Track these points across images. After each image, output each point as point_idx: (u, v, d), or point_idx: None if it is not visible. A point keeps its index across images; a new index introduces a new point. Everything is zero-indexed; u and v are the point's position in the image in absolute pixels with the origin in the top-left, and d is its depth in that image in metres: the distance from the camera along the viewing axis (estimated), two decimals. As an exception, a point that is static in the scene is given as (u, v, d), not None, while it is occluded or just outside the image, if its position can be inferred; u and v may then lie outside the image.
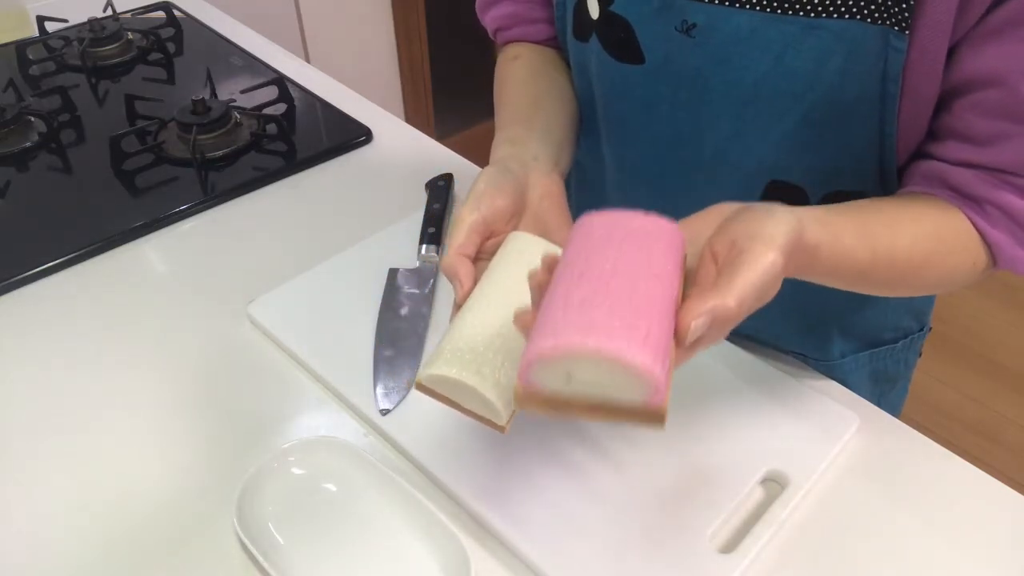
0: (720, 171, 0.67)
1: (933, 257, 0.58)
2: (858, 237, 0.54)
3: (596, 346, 0.38)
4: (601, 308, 0.39)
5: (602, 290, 0.41)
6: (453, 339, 0.52)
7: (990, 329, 2.08)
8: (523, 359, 0.41)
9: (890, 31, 0.55)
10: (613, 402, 0.41)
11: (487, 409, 0.51)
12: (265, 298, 0.78)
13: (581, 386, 0.41)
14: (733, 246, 0.46)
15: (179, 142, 1.00)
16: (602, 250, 0.43)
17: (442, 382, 0.51)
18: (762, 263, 0.45)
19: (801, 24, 0.57)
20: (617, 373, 0.39)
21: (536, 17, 0.78)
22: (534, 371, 0.40)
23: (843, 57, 0.57)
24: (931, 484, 0.63)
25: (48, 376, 0.73)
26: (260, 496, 0.60)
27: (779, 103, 0.61)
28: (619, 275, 0.41)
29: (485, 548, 0.59)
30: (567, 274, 0.43)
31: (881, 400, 0.71)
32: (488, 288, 0.54)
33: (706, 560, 0.56)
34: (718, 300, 0.43)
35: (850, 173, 0.64)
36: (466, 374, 0.50)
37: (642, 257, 0.43)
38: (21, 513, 0.62)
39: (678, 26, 0.62)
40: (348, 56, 2.22)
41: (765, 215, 0.47)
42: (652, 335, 0.39)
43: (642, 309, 0.40)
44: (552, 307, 0.41)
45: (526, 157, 0.64)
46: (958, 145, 0.58)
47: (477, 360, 0.51)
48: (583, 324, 0.39)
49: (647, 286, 0.41)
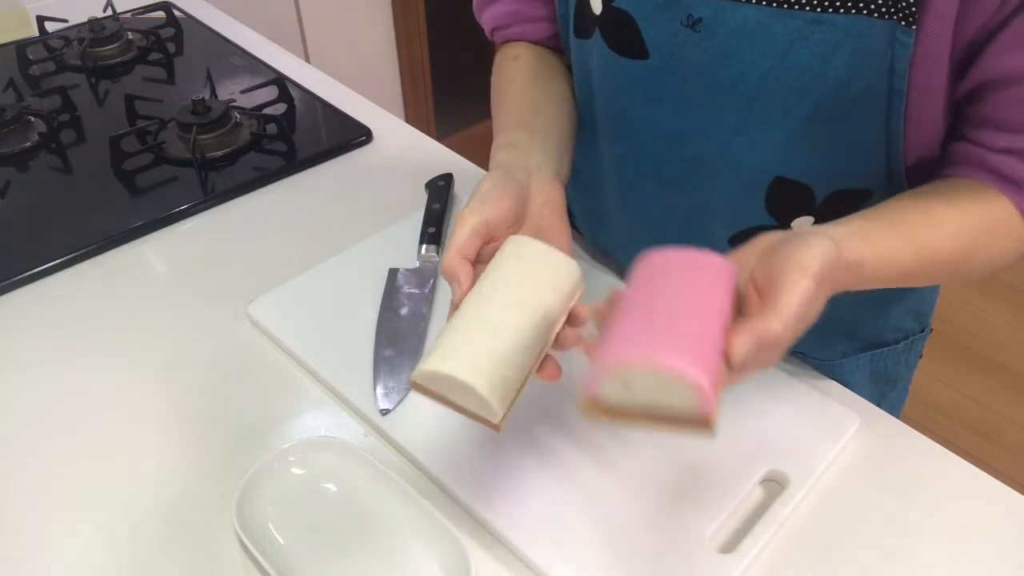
0: (724, 167, 0.67)
1: (976, 247, 0.59)
2: (900, 240, 0.56)
3: (650, 357, 0.42)
4: (658, 329, 0.44)
5: (661, 317, 0.45)
6: (449, 337, 0.52)
7: (990, 329, 2.08)
8: (590, 372, 0.45)
9: (897, 26, 0.55)
10: (667, 411, 0.45)
11: (482, 407, 0.51)
12: (265, 298, 0.78)
13: (638, 396, 0.45)
14: (770, 276, 0.49)
15: (179, 142, 1.00)
16: (662, 286, 0.48)
17: (437, 379, 0.51)
18: (796, 289, 0.47)
19: (807, 19, 0.57)
20: (669, 383, 0.43)
21: (536, 15, 0.77)
22: (599, 383, 0.45)
23: (849, 52, 0.57)
24: (931, 484, 0.63)
25: (48, 376, 0.73)
26: (260, 496, 0.60)
27: (785, 98, 0.61)
28: (676, 309, 0.46)
29: (485, 548, 0.59)
30: (628, 306, 0.47)
31: (881, 401, 0.71)
32: (486, 288, 0.54)
33: (706, 560, 0.56)
34: (762, 324, 0.46)
35: (856, 171, 0.64)
36: (462, 370, 0.50)
37: (698, 291, 0.47)
38: (21, 513, 0.62)
39: (683, 20, 0.62)
40: (348, 56, 2.22)
41: (799, 243, 0.50)
42: (704, 354, 0.43)
43: (696, 335, 0.44)
44: (615, 332, 0.46)
45: (529, 164, 0.64)
46: (996, 134, 0.59)
47: (473, 358, 0.51)
48: (642, 342, 0.44)
49: (702, 318, 0.46)
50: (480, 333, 0.52)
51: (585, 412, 0.46)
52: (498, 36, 0.80)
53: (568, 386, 0.69)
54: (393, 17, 2.27)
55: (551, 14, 0.77)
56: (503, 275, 0.55)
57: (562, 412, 0.66)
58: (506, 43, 0.80)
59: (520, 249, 0.57)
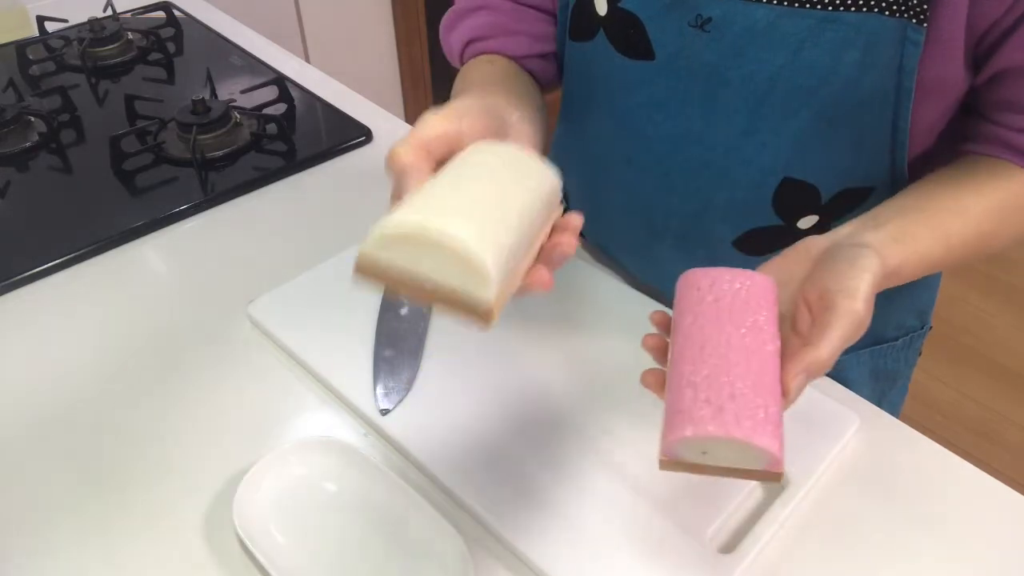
0: (732, 168, 0.67)
1: (1001, 226, 0.61)
2: (933, 236, 0.57)
3: (727, 433, 0.44)
4: (724, 392, 0.46)
5: (723, 366, 0.47)
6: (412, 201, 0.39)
7: (990, 329, 2.08)
8: (666, 439, 0.47)
9: (908, 24, 0.55)
10: (740, 467, 0.47)
11: (468, 275, 0.37)
12: (265, 298, 0.78)
13: (714, 457, 0.47)
14: (822, 298, 0.50)
15: (179, 142, 1.00)
16: (713, 319, 0.49)
17: (401, 244, 0.37)
18: (849, 317, 0.49)
19: (818, 17, 0.57)
20: (744, 450, 0.45)
21: (518, 29, 0.74)
22: (675, 448, 0.47)
23: (860, 50, 0.57)
24: (931, 484, 0.63)
25: (47, 376, 0.73)
26: (260, 496, 0.60)
27: (795, 97, 0.61)
28: (733, 348, 0.48)
29: (485, 548, 0.59)
30: (688, 347, 0.49)
31: (882, 399, 0.71)
32: (454, 171, 0.44)
33: (706, 560, 0.56)
34: (811, 358, 0.48)
35: (862, 169, 0.64)
36: (441, 221, 0.37)
37: (747, 322, 0.49)
38: (20, 512, 0.62)
39: (691, 21, 0.62)
40: (348, 56, 2.22)
41: (849, 265, 0.51)
42: (769, 410, 0.45)
43: (758, 385, 0.46)
44: (680, 387, 0.47)
45: (509, 117, 0.56)
46: (1017, 116, 0.60)
47: (453, 211, 0.38)
48: (713, 411, 0.45)
49: (757, 357, 0.48)
50: (457, 197, 0.40)
51: (663, 468, 0.49)
52: (472, 50, 0.75)
53: (569, 386, 0.69)
54: (393, 17, 2.27)
55: (534, 30, 0.74)
56: (472, 161, 0.45)
57: (562, 412, 0.66)
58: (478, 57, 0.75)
59: (491, 146, 0.47)
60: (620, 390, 0.68)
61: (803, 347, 0.48)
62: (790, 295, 0.53)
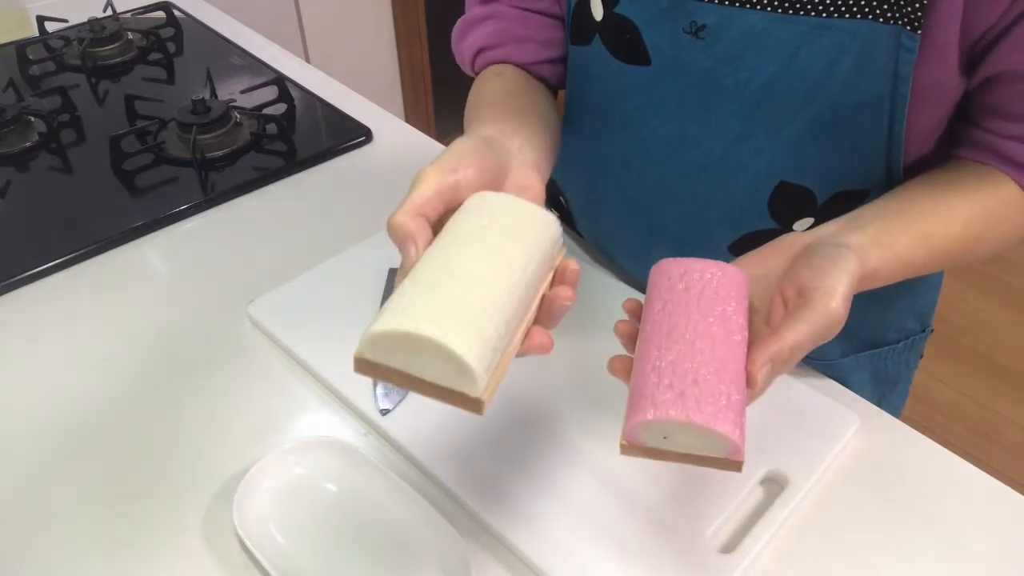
0: (728, 173, 0.67)
1: (985, 232, 0.60)
2: (914, 239, 0.57)
3: (688, 418, 0.45)
4: (688, 378, 0.46)
5: (688, 352, 0.47)
6: (402, 295, 0.41)
7: (990, 329, 2.08)
8: (627, 423, 0.47)
9: (902, 30, 0.55)
10: (701, 454, 0.48)
11: (455, 373, 0.39)
12: (265, 298, 0.78)
13: (675, 442, 0.47)
14: (800, 293, 0.50)
15: (179, 142, 1.00)
16: (683, 307, 0.50)
17: (391, 345, 0.40)
18: (822, 315, 0.49)
19: (813, 24, 0.57)
20: (705, 437, 0.46)
21: (526, 36, 0.74)
22: (637, 432, 0.47)
23: (854, 57, 0.57)
24: (931, 484, 0.63)
25: (47, 376, 0.73)
26: (260, 496, 0.60)
27: (789, 104, 0.61)
28: (700, 336, 0.48)
29: (485, 548, 0.59)
30: (655, 333, 0.49)
31: (882, 402, 0.71)
32: (446, 241, 0.45)
33: (706, 560, 0.56)
34: (776, 348, 0.48)
35: (858, 173, 0.64)
36: (423, 325, 0.39)
37: (716, 312, 0.49)
38: (21, 513, 0.62)
39: (686, 27, 0.62)
40: (348, 56, 2.22)
41: (830, 263, 0.51)
42: (732, 398, 0.46)
43: (722, 372, 0.46)
44: (645, 371, 0.48)
45: (510, 146, 0.57)
46: (1006, 123, 0.60)
47: (436, 312, 0.40)
48: (675, 396, 0.46)
49: (724, 346, 0.48)
50: (445, 285, 0.41)
51: (624, 452, 0.49)
52: (482, 59, 0.76)
53: (569, 387, 0.69)
54: (393, 17, 2.27)
55: (541, 36, 0.74)
56: (467, 228, 0.46)
57: (562, 412, 0.66)
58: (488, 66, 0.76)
59: (486, 202, 0.48)
60: (620, 391, 0.68)
61: (770, 336, 0.48)
62: (765, 289, 0.53)
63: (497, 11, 0.74)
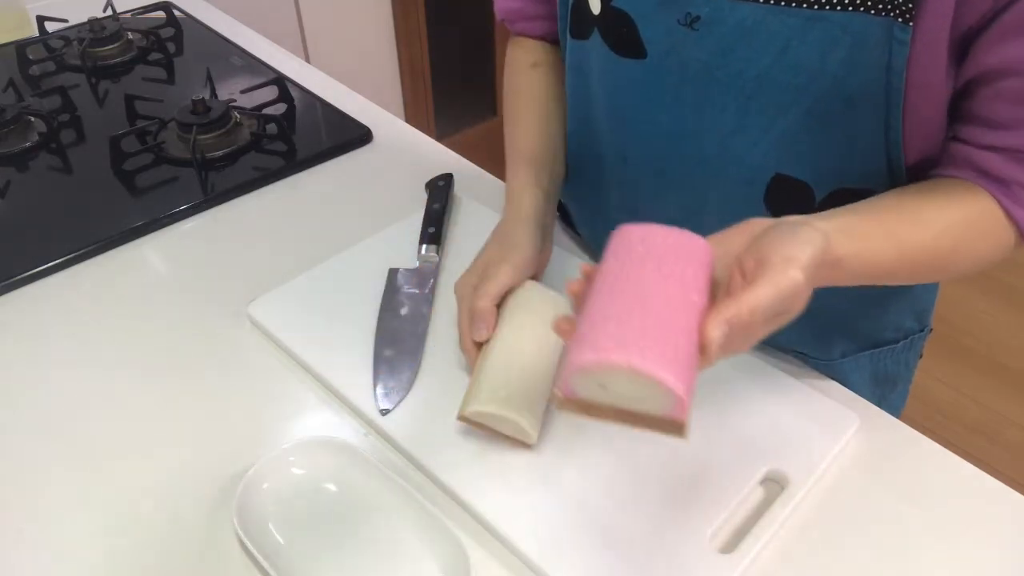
0: (724, 165, 0.67)
1: (960, 244, 0.60)
2: (884, 238, 0.56)
3: (628, 362, 0.41)
4: (635, 325, 0.43)
5: (637, 306, 0.44)
6: (487, 379, 0.63)
7: (990, 329, 2.08)
8: (564, 369, 0.45)
9: (894, 22, 0.55)
10: (641, 411, 0.45)
11: (520, 432, 0.62)
12: (265, 298, 0.78)
13: (614, 395, 0.45)
14: (759, 262, 0.48)
15: (179, 142, 1.00)
16: (639, 265, 0.47)
17: (483, 416, 0.62)
18: (782, 280, 0.47)
19: (805, 16, 0.57)
20: (646, 387, 0.43)
21: (535, 14, 0.81)
22: (573, 380, 0.44)
23: (847, 49, 0.57)
24: (931, 484, 0.63)
25: (48, 376, 0.73)
26: (260, 496, 0.60)
27: (783, 96, 0.61)
28: (652, 292, 0.45)
29: (485, 548, 0.59)
30: (605, 287, 0.47)
31: (882, 402, 0.71)
32: (507, 333, 0.66)
33: (706, 560, 0.56)
34: (733, 310, 0.46)
35: (857, 170, 0.64)
36: (503, 409, 0.61)
37: (675, 273, 0.46)
38: (21, 513, 0.62)
39: (681, 19, 0.62)
40: (348, 56, 2.22)
41: (791, 235, 0.50)
42: (680, 352, 0.43)
43: (672, 325, 0.44)
44: (590, 320, 0.45)
45: (549, 220, 0.75)
46: (982, 130, 0.59)
47: (509, 395, 0.61)
48: (618, 340, 0.42)
49: (677, 302, 0.45)
50: (508, 374, 0.63)
51: (559, 406, 0.47)
52: (508, 27, 0.85)
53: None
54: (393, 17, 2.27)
55: (549, 11, 0.78)
56: (521, 323, 0.67)
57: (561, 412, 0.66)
58: (518, 37, 0.85)
59: (536, 300, 0.69)
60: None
61: (727, 299, 0.46)
62: (726, 267, 0.51)
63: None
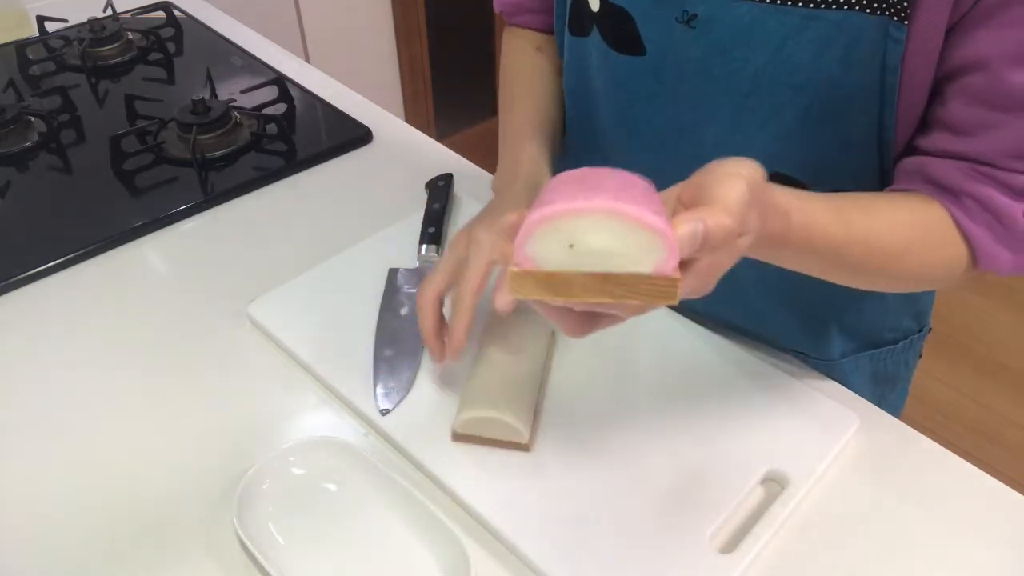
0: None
1: (912, 246, 0.58)
2: (833, 213, 0.54)
3: (604, 205, 0.36)
4: (601, 189, 0.38)
5: (596, 184, 0.39)
6: (472, 391, 0.64)
7: (990, 329, 2.08)
8: (519, 234, 0.38)
9: (889, 21, 0.55)
10: (619, 275, 0.38)
11: (513, 433, 0.62)
12: (265, 298, 0.78)
13: (584, 256, 0.38)
14: (700, 188, 0.45)
15: (179, 142, 1.00)
16: (588, 175, 0.42)
17: (473, 423, 0.62)
18: (733, 188, 0.43)
19: (801, 15, 0.57)
20: (625, 236, 0.37)
21: (535, 7, 0.81)
22: (533, 242, 0.38)
23: (843, 48, 0.57)
24: (931, 484, 0.63)
25: (48, 376, 0.73)
26: (260, 496, 0.60)
27: (779, 94, 0.61)
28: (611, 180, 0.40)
29: (485, 548, 0.59)
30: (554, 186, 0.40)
31: (881, 402, 0.71)
32: (490, 351, 0.66)
33: (706, 560, 0.56)
34: (706, 212, 0.41)
35: (852, 170, 0.64)
36: (491, 411, 0.62)
37: (628, 179, 0.42)
38: (21, 513, 0.62)
39: (679, 17, 0.62)
40: (348, 56, 2.22)
41: (724, 161, 0.47)
42: (655, 208, 0.38)
43: (640, 199, 0.38)
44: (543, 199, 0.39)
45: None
46: (942, 134, 0.58)
47: (495, 399, 0.62)
48: (586, 195, 0.37)
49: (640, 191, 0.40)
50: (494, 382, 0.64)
51: (515, 284, 0.39)
52: (507, 20, 0.85)
53: (568, 386, 0.69)
54: (393, 17, 2.27)
55: (550, 4, 0.78)
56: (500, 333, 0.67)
57: (561, 411, 0.66)
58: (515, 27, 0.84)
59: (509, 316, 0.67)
60: (619, 390, 0.68)
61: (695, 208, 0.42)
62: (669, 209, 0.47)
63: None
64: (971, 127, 0.56)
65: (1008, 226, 0.56)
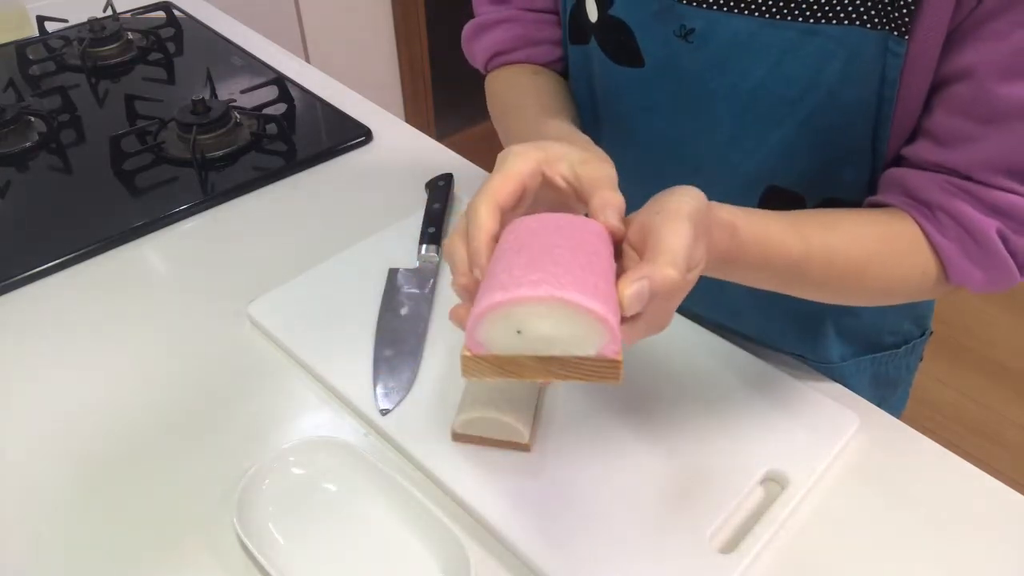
0: (719, 175, 0.67)
1: (876, 258, 0.57)
2: (790, 227, 0.53)
3: (548, 293, 0.38)
4: (547, 268, 0.39)
5: (546, 257, 0.40)
6: (470, 393, 0.64)
7: (990, 329, 2.08)
8: (469, 321, 0.40)
9: (889, 36, 0.54)
10: (566, 357, 0.40)
11: (513, 433, 0.62)
12: (265, 298, 0.78)
13: (532, 341, 0.40)
14: (645, 231, 0.45)
15: (179, 142, 1.00)
16: (539, 232, 0.43)
17: (473, 423, 0.63)
18: (677, 231, 0.44)
19: (800, 29, 0.57)
20: (570, 322, 0.39)
21: (542, 38, 0.75)
22: (483, 330, 0.39)
23: (842, 62, 0.57)
24: (931, 484, 0.63)
25: (48, 376, 0.73)
26: (260, 496, 0.60)
27: (777, 108, 0.61)
28: (559, 247, 0.41)
29: (485, 548, 0.59)
30: (507, 250, 0.42)
31: (882, 404, 0.71)
32: None
33: (706, 560, 0.56)
34: (651, 267, 0.42)
35: (847, 180, 0.64)
36: (491, 411, 0.62)
37: (578, 237, 0.43)
38: (21, 513, 0.62)
39: (676, 31, 0.62)
40: (348, 56, 2.22)
41: (667, 194, 0.47)
42: (600, 289, 0.39)
43: (588, 269, 0.40)
44: (496, 272, 0.40)
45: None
46: (925, 143, 0.58)
47: (493, 399, 0.63)
48: (532, 279, 0.38)
49: (588, 256, 0.41)
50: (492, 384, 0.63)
51: (468, 370, 0.41)
52: (497, 61, 0.77)
53: (567, 387, 0.69)
54: (393, 17, 2.27)
55: (555, 36, 0.75)
56: None
57: (561, 413, 0.66)
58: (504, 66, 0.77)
59: None
60: (620, 393, 0.68)
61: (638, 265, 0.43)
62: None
63: (511, 15, 0.75)
64: (953, 138, 0.55)
65: (980, 243, 0.56)
